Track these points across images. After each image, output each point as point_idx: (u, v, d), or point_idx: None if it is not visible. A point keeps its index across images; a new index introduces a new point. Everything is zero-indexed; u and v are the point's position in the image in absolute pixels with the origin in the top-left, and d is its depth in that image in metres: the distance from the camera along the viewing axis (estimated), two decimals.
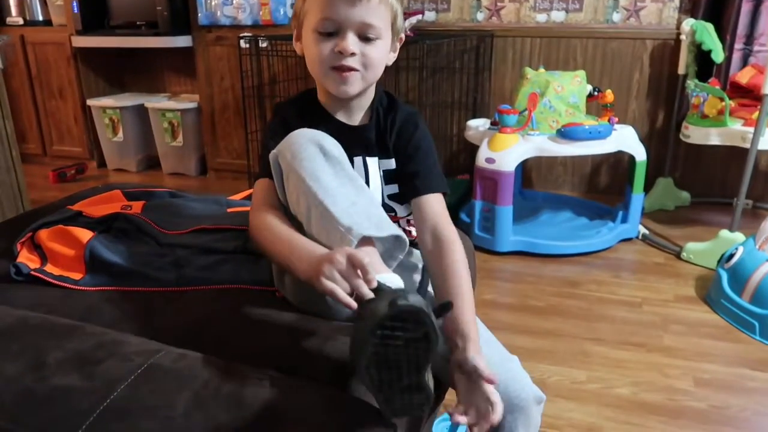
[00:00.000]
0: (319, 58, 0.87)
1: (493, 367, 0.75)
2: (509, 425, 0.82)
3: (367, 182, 0.93)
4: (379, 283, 0.71)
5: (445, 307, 0.73)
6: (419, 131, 0.96)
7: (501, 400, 0.74)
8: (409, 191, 0.94)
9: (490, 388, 0.74)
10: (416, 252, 0.99)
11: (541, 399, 0.85)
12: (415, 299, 0.65)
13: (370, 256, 0.75)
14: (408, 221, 1.00)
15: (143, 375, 0.68)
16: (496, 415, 0.73)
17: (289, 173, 0.83)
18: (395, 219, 0.98)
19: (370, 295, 0.69)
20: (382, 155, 0.96)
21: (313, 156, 0.82)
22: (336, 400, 0.71)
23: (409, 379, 0.66)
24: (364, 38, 0.87)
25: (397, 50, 0.95)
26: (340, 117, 0.95)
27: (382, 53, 0.89)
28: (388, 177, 0.96)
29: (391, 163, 0.96)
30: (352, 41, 0.86)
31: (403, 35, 0.96)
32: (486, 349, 0.81)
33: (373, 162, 0.95)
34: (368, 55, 0.87)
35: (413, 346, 0.65)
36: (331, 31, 0.86)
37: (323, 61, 0.87)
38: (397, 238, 0.81)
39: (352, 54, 0.86)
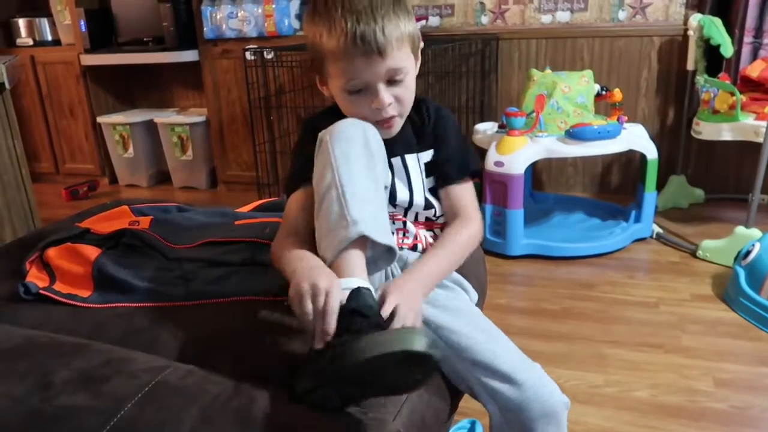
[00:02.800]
0: (362, 116, 0.89)
1: (518, 375, 0.83)
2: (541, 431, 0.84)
3: (409, 180, 0.96)
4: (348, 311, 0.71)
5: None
6: (451, 120, 1.01)
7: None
8: (442, 178, 0.98)
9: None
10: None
11: (568, 404, 0.86)
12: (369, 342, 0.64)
13: (353, 260, 0.77)
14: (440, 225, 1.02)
15: (150, 393, 0.68)
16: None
17: (325, 145, 0.84)
18: (429, 226, 1.01)
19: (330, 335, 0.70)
20: (421, 149, 0.98)
21: (354, 138, 0.83)
22: (347, 417, 0.70)
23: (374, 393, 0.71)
24: (393, 81, 0.87)
25: (420, 56, 0.95)
26: None
27: (412, 83, 0.91)
28: (428, 169, 0.99)
29: (430, 154, 0.99)
30: (385, 94, 0.87)
31: (422, 43, 0.96)
32: (507, 356, 0.85)
33: (412, 158, 0.97)
34: (401, 96, 0.89)
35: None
36: (361, 88, 0.87)
37: (366, 118, 0.89)
38: (389, 249, 0.80)
39: (389, 104, 0.88)
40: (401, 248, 0.98)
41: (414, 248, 0.99)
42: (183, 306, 0.97)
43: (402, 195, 0.96)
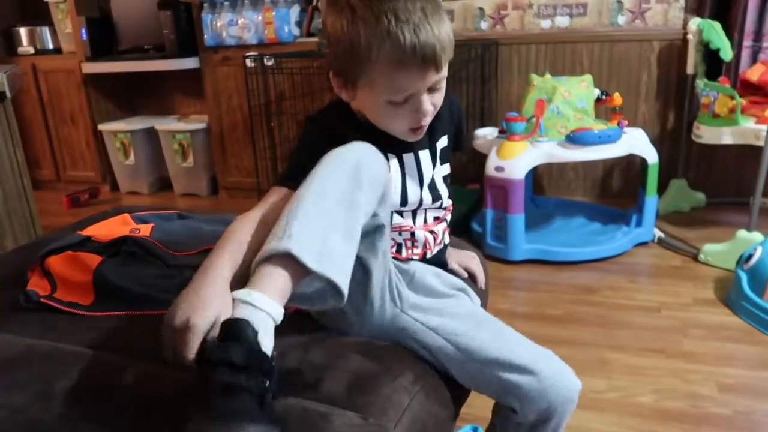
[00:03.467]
0: (395, 124, 0.87)
1: (534, 364, 0.84)
2: (559, 417, 0.87)
3: (420, 176, 0.95)
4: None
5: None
6: (459, 102, 1.04)
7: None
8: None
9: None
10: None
11: (581, 387, 0.88)
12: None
13: (272, 278, 0.67)
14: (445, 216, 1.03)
15: (150, 404, 0.68)
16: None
17: (326, 157, 0.77)
18: (439, 221, 1.01)
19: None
20: (437, 137, 0.98)
21: (343, 166, 0.75)
22: (347, 422, 0.70)
23: None
24: (433, 89, 0.85)
25: None
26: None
27: (445, 87, 0.89)
28: (443, 156, 1.00)
29: (446, 140, 1.00)
30: (428, 104, 0.85)
31: None
32: (518, 349, 0.86)
33: (425, 153, 0.96)
34: (438, 102, 0.87)
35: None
36: (402, 101, 0.84)
37: (398, 126, 0.87)
38: (334, 287, 0.69)
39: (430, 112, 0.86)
40: (410, 259, 0.97)
41: (423, 257, 0.99)
42: None
43: (413, 194, 0.94)
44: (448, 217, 1.05)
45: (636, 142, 2.23)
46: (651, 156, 2.25)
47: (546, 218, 2.52)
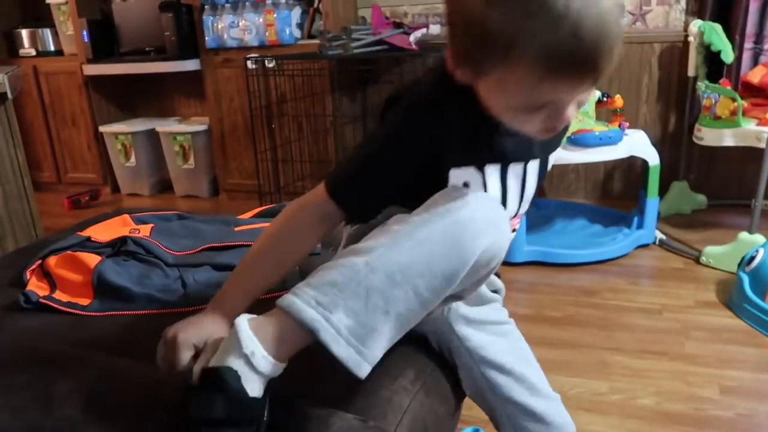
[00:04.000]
0: (525, 129, 0.68)
1: (550, 416, 0.84)
2: None
3: (523, 189, 0.80)
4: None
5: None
6: None
7: None
8: None
9: None
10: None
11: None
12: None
13: (283, 339, 0.61)
14: None
15: (151, 406, 0.67)
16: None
17: (438, 212, 0.62)
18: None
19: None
20: (553, 145, 0.83)
21: (445, 243, 0.60)
22: (346, 424, 0.70)
23: None
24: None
25: None
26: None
27: None
28: (542, 169, 0.83)
29: (559, 149, 0.88)
30: (571, 111, 0.66)
31: None
32: (540, 394, 0.85)
33: (534, 164, 0.80)
34: (582, 101, 0.68)
35: None
36: (540, 107, 0.65)
37: (529, 131, 0.68)
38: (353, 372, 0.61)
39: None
40: None
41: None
42: (183, 312, 0.96)
43: (511, 208, 0.80)
44: (517, 226, 0.92)
45: (637, 144, 2.23)
46: (652, 158, 2.25)
47: (547, 220, 2.52)
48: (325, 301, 0.59)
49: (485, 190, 0.74)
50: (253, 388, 0.60)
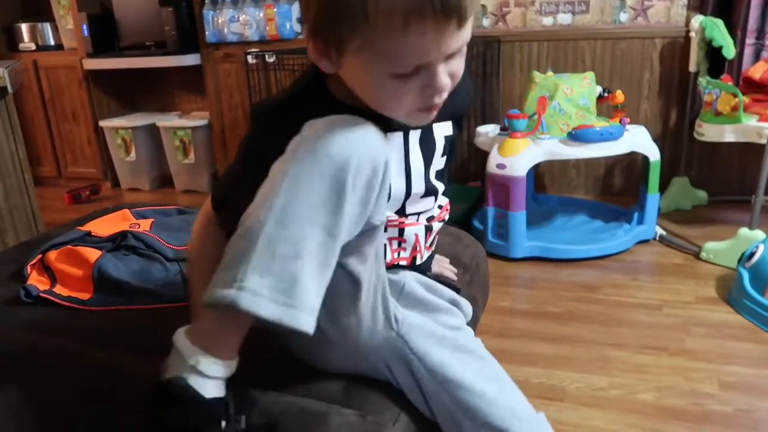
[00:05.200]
0: (399, 104, 0.65)
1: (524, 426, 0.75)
2: None
3: (407, 164, 0.77)
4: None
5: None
6: (470, 89, 0.84)
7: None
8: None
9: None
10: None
11: None
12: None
13: (220, 330, 0.62)
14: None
15: (151, 404, 0.67)
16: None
17: (289, 152, 0.61)
18: (433, 220, 0.85)
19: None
20: (442, 118, 0.78)
21: (318, 172, 0.59)
22: (343, 420, 0.70)
23: None
24: (451, 55, 0.64)
25: None
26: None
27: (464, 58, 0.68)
28: (446, 145, 0.81)
29: (449, 127, 0.82)
30: (444, 74, 0.63)
31: None
32: (521, 418, 0.76)
33: (414, 136, 0.77)
34: (457, 72, 0.66)
35: None
36: (412, 72, 0.62)
37: (403, 107, 0.66)
38: (300, 331, 0.59)
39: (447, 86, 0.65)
40: (397, 265, 0.83)
41: (413, 262, 0.84)
42: (182, 306, 0.97)
43: (397, 187, 0.76)
44: (446, 217, 0.90)
45: (638, 139, 2.23)
46: (653, 153, 2.24)
47: (547, 216, 2.51)
48: (236, 274, 0.58)
49: None
50: (211, 391, 0.61)
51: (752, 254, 1.83)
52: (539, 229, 2.37)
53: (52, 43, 3.46)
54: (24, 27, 3.44)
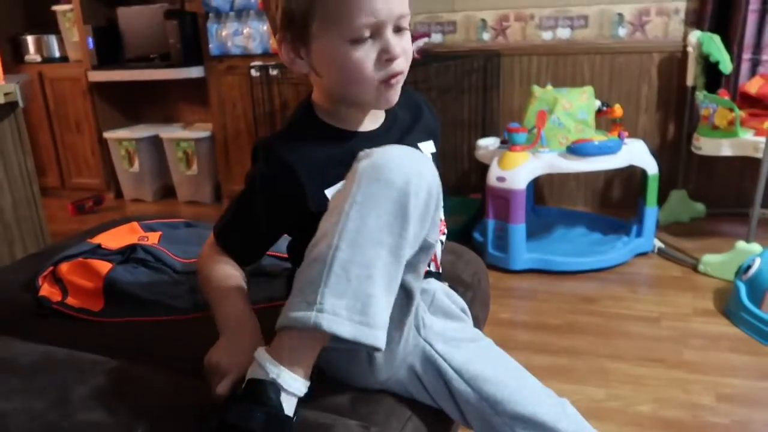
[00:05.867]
0: (365, 73, 0.72)
1: (560, 424, 0.78)
2: None
3: None
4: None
5: None
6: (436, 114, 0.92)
7: None
8: None
9: None
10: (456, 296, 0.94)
11: None
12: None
13: (296, 347, 0.65)
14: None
15: (167, 411, 0.70)
16: None
17: (353, 174, 0.66)
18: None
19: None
20: (420, 137, 0.86)
21: (384, 196, 0.64)
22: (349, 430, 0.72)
23: None
24: (399, 30, 0.73)
25: None
26: (356, 126, 0.81)
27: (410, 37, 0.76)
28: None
29: (430, 146, 0.88)
30: (395, 41, 0.72)
31: None
32: (546, 403, 0.79)
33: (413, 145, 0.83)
34: (407, 48, 0.74)
35: None
36: (370, 35, 0.70)
37: (368, 76, 0.72)
38: (373, 348, 0.64)
39: (400, 55, 0.72)
40: (428, 273, 0.86)
41: (438, 271, 0.90)
42: (191, 318, 0.99)
43: None
44: (445, 231, 0.95)
45: (636, 153, 2.26)
46: (651, 167, 2.27)
47: (547, 228, 2.54)
48: (312, 298, 0.62)
49: None
50: (287, 407, 0.64)
51: (749, 267, 1.86)
52: (539, 241, 2.40)
53: (58, 55, 3.50)
54: (30, 39, 3.48)
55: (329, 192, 0.76)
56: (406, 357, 0.80)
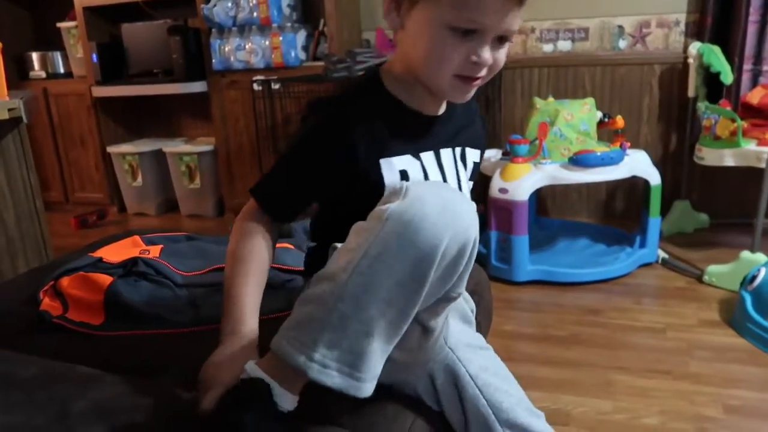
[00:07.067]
0: (447, 63, 0.71)
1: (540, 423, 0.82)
2: None
3: (443, 174, 0.81)
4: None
5: None
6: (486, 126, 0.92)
7: None
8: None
9: None
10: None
11: None
12: None
13: (288, 379, 0.64)
14: None
15: (167, 424, 0.69)
16: None
17: (382, 213, 0.61)
18: None
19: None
20: (467, 143, 0.86)
21: (408, 250, 0.59)
22: None
23: None
24: (501, 40, 0.72)
25: None
26: (419, 106, 0.79)
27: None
28: (472, 170, 0.88)
29: (476, 155, 0.88)
30: (489, 51, 0.71)
31: None
32: (538, 416, 0.83)
33: (447, 154, 0.83)
34: (498, 59, 0.73)
35: None
36: (473, 31, 0.69)
37: (449, 66, 0.71)
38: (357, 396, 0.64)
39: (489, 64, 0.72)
40: None
41: None
42: (192, 332, 0.99)
43: None
44: None
45: (638, 164, 2.26)
46: (653, 178, 2.27)
47: (550, 239, 2.53)
48: (307, 340, 0.61)
49: (426, 178, 0.77)
50: (283, 404, 0.65)
51: (754, 277, 1.85)
52: (542, 252, 2.39)
53: (62, 71, 3.53)
54: (35, 56, 3.51)
55: (382, 162, 0.74)
56: (426, 363, 0.81)
